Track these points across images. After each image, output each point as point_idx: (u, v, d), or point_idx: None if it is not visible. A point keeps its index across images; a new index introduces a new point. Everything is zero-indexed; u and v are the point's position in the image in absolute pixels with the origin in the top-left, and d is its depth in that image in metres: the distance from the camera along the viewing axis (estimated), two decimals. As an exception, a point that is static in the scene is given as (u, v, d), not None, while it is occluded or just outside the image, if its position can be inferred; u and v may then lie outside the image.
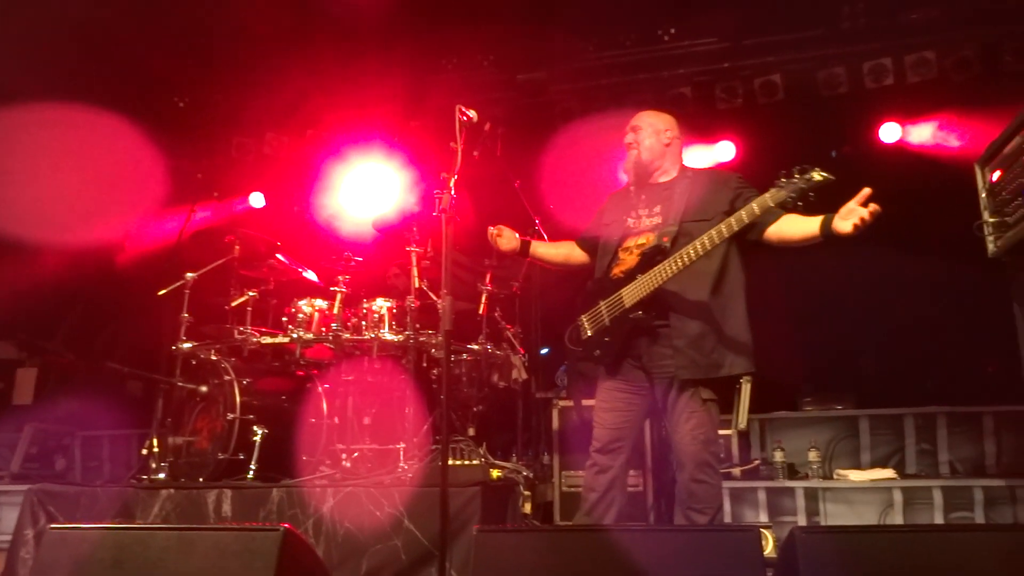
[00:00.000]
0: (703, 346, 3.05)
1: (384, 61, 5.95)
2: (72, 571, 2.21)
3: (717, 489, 3.07)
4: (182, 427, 4.53)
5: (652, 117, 3.44)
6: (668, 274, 3.01)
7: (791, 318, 5.76)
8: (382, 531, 3.39)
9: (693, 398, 3.05)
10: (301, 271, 5.03)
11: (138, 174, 6.35)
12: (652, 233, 3.21)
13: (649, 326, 3.11)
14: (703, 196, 3.19)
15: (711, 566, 2.04)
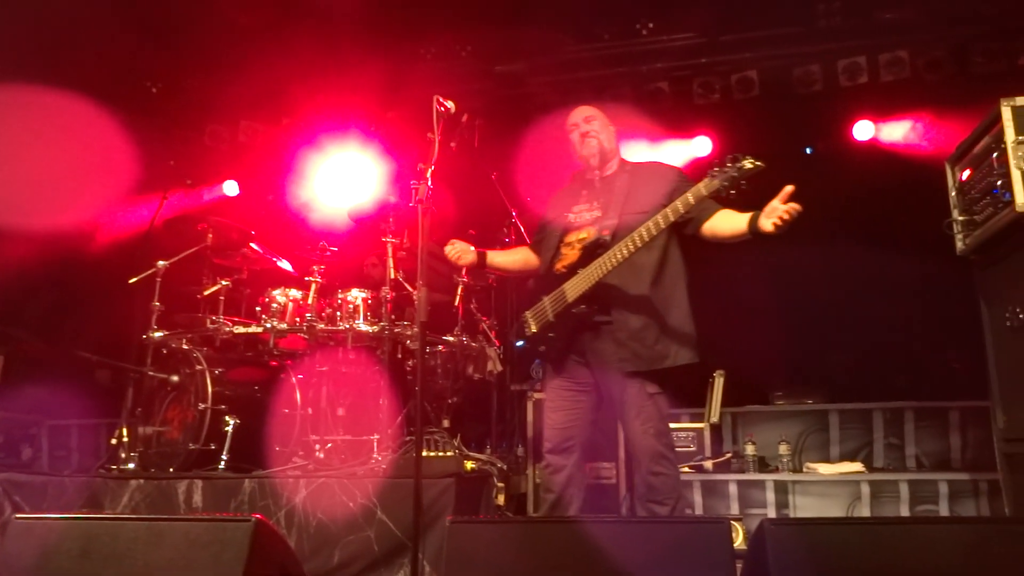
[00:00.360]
0: (645, 338, 3.08)
1: (361, 50, 5.90)
2: (38, 561, 2.17)
3: (675, 479, 3.09)
4: (152, 417, 4.48)
5: (596, 111, 3.46)
6: (608, 267, 3.03)
7: (763, 314, 5.83)
8: (355, 522, 3.39)
9: (639, 393, 3.07)
10: (275, 260, 4.99)
11: (109, 160, 6.24)
12: (592, 227, 3.24)
13: (591, 320, 3.13)
14: (642, 189, 3.21)
15: (682, 557, 2.06)
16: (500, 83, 6.28)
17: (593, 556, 2.07)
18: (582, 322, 3.14)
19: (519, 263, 3.70)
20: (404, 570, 3.25)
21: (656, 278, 3.14)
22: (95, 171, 6.25)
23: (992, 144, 3.35)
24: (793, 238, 3.08)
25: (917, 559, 1.94)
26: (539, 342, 3.30)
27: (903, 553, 1.94)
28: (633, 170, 3.34)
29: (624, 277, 3.10)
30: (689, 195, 2.88)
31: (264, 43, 5.78)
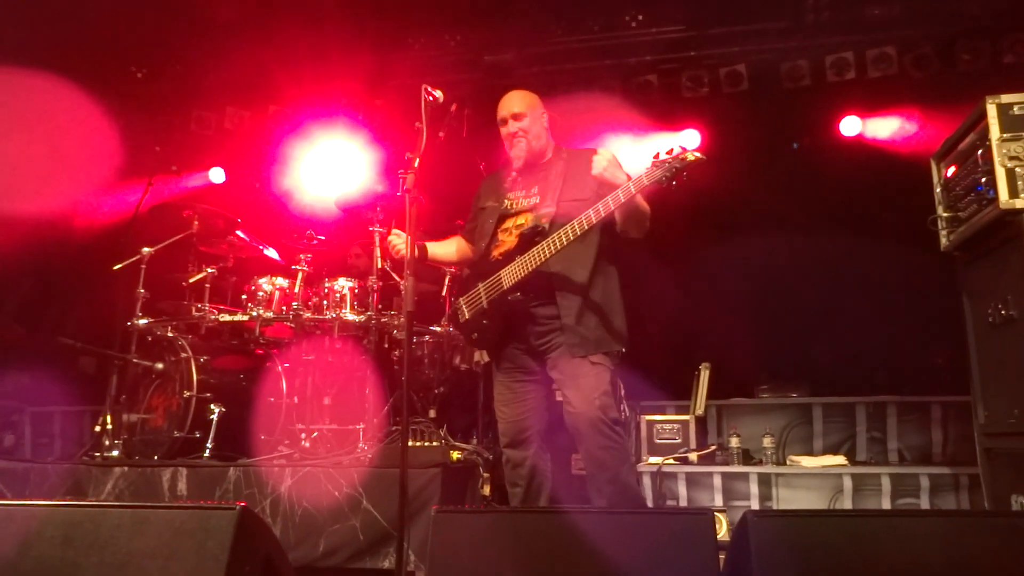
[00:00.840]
0: (589, 323, 3.10)
1: (349, 37, 5.85)
2: (20, 548, 2.16)
3: (623, 449, 3.07)
4: (137, 404, 4.45)
5: (529, 100, 3.42)
6: (547, 255, 3.03)
7: (749, 308, 5.86)
8: (340, 511, 3.39)
9: (581, 365, 3.07)
10: (261, 248, 4.97)
11: (92, 145, 6.18)
12: (530, 213, 3.24)
13: (527, 308, 3.14)
14: (579, 176, 3.19)
15: (665, 548, 2.08)
16: (488, 73, 6.25)
17: (577, 546, 2.09)
18: (517, 309, 3.14)
19: (455, 253, 3.68)
20: (389, 559, 3.26)
21: (595, 264, 3.16)
22: (78, 156, 6.19)
23: (977, 141, 3.38)
24: (779, 232, 3.10)
25: (898, 551, 1.96)
26: (472, 329, 3.29)
27: (884, 545, 1.97)
28: (569, 157, 3.34)
29: (562, 263, 3.11)
30: (631, 184, 2.88)
31: (251, 29, 5.73)
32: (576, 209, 3.03)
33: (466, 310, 3.32)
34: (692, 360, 5.32)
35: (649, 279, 6.06)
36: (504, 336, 3.23)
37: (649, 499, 4.72)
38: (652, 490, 4.74)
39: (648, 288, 6.12)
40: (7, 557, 2.16)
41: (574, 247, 3.06)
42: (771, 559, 1.96)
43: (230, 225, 4.82)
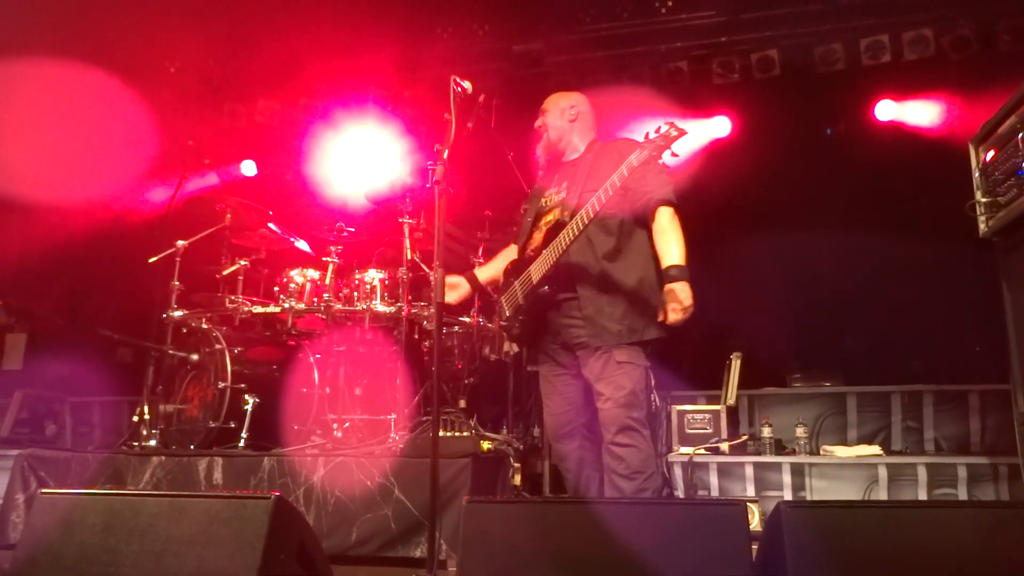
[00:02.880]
0: (612, 313, 3.08)
1: (379, 28, 5.86)
2: (63, 535, 2.22)
3: (646, 454, 3.03)
4: (173, 395, 4.53)
5: (557, 97, 3.51)
6: (563, 246, 3.02)
7: (781, 296, 5.80)
8: (372, 500, 3.42)
9: (608, 362, 3.06)
10: (293, 240, 5.01)
11: (129, 139, 6.28)
12: (558, 208, 3.26)
13: (557, 300, 3.15)
14: (602, 167, 3.18)
15: (698, 539, 2.07)
16: (517, 63, 6.23)
17: (608, 537, 2.09)
18: (549, 302, 3.16)
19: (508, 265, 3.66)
20: (421, 548, 3.28)
21: (618, 253, 3.14)
22: (116, 150, 6.29)
23: (1018, 124, 3.29)
24: (811, 218, 3.06)
25: (934, 542, 1.93)
26: (512, 326, 3.33)
27: (920, 536, 1.94)
28: (600, 149, 3.34)
29: (585, 254, 3.13)
30: (623, 168, 2.87)
31: (281, 21, 5.77)
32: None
33: (506, 308, 3.36)
34: (723, 349, 5.27)
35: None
36: (539, 331, 3.25)
37: (680, 489, 4.70)
38: (683, 480, 4.72)
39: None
40: (51, 543, 2.22)
41: (598, 237, 3.08)
42: (805, 550, 1.94)
43: (262, 218, 4.88)
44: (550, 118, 3.44)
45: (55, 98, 5.71)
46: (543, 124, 3.44)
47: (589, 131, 3.47)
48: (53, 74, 5.40)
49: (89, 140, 6.14)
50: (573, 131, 3.43)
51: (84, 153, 6.11)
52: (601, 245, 3.14)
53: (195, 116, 6.83)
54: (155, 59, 6.45)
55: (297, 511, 2.36)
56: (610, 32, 6.00)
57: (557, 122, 3.42)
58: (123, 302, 6.44)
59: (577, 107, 3.44)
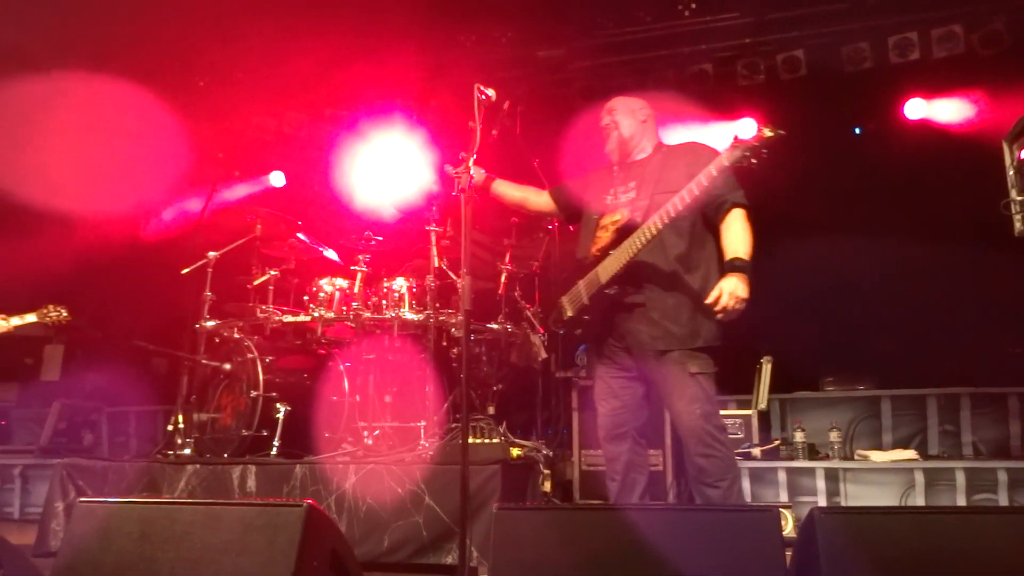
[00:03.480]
0: (679, 316, 3.07)
1: (403, 38, 5.91)
2: (101, 543, 2.25)
3: (728, 461, 3.04)
4: (206, 404, 4.60)
5: (624, 99, 3.52)
6: (637, 247, 3.02)
7: (813, 298, 5.72)
8: (403, 508, 3.44)
9: (681, 373, 3.04)
10: (322, 250, 5.06)
11: (162, 152, 6.40)
12: (626, 208, 3.23)
13: (623, 301, 3.13)
14: (675, 169, 3.19)
15: (730, 545, 2.05)
16: (541, 69, 6.25)
17: (639, 543, 2.07)
18: (615, 303, 3.14)
19: (518, 198, 3.77)
20: (452, 555, 3.29)
21: (687, 257, 3.13)
22: (149, 163, 6.41)
23: (1053, 121, 3.23)
24: (842, 219, 3.03)
25: (975, 550, 1.89)
26: (575, 326, 3.31)
27: (960, 544, 1.90)
28: (668, 151, 3.35)
29: (655, 256, 3.11)
30: (712, 168, 2.86)
31: (307, 34, 5.84)
32: (667, 201, 3.01)
33: (568, 308, 3.33)
34: (753, 353, 5.23)
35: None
36: (604, 332, 3.24)
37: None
38: (715, 486, 4.67)
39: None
40: (90, 551, 2.25)
41: (669, 239, 3.07)
42: (840, 557, 1.92)
43: (291, 228, 4.93)
44: (621, 116, 3.41)
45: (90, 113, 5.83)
46: (612, 122, 3.41)
47: (655, 134, 3.47)
48: (88, 90, 5.52)
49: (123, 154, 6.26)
50: (644, 132, 3.42)
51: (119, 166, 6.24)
52: (672, 247, 3.13)
53: (224, 129, 6.94)
54: (185, 74, 6.56)
55: (329, 518, 2.37)
56: (633, 36, 5.99)
57: (629, 120, 3.41)
58: (157, 313, 6.54)
59: (645, 110, 3.45)
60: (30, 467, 5.91)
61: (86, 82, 5.45)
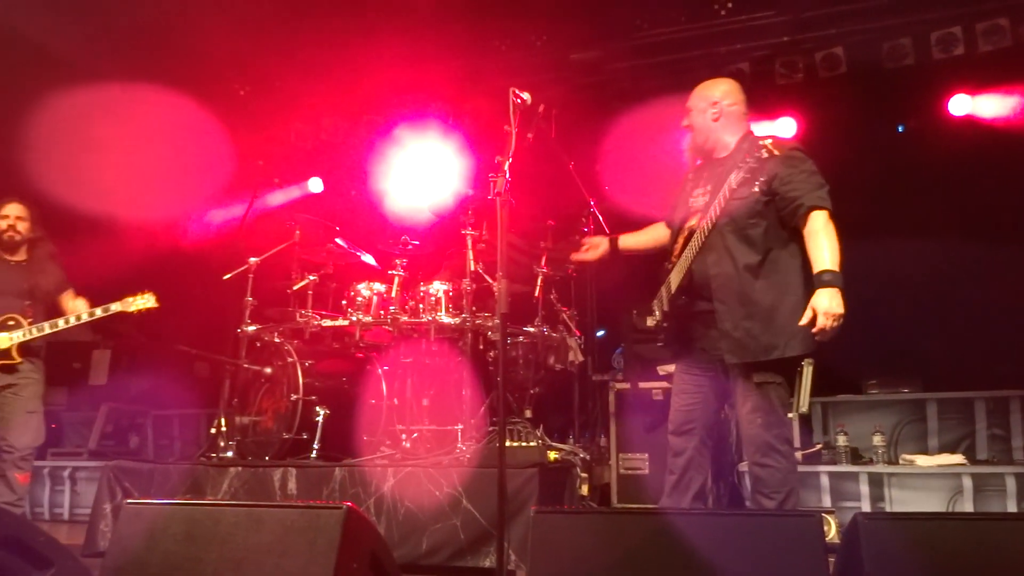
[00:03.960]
0: (750, 329, 2.96)
1: (438, 45, 5.96)
2: (148, 544, 2.30)
3: (785, 473, 2.97)
4: (248, 407, 4.67)
5: (702, 91, 3.29)
6: (691, 256, 2.98)
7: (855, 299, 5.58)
8: (441, 511, 3.45)
9: (747, 382, 2.99)
10: (359, 255, 5.11)
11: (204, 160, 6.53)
12: (701, 213, 3.11)
13: (696, 311, 3.08)
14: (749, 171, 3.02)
15: (771, 551, 2.02)
16: (576, 71, 6.24)
17: (678, 548, 2.06)
18: (689, 313, 3.10)
19: (650, 241, 3.58)
20: (490, 558, 3.30)
21: (759, 267, 2.99)
22: (192, 171, 6.55)
23: (1106, 115, 3.13)
24: (885, 219, 2.96)
25: (1025, 557, 1.84)
26: (660, 332, 3.29)
27: (1010, 551, 1.84)
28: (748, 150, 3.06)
29: (724, 267, 2.99)
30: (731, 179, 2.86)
31: (344, 41, 5.92)
32: (737, 208, 2.93)
33: (657, 312, 3.30)
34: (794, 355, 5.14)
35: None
36: (684, 338, 3.18)
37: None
38: (755, 490, 4.62)
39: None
40: (137, 552, 2.31)
41: (738, 248, 2.96)
42: (885, 564, 1.88)
43: (329, 233, 4.99)
44: (695, 117, 3.25)
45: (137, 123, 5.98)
46: (688, 125, 3.26)
47: (739, 124, 3.23)
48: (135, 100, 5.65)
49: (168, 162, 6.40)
50: (718, 130, 3.22)
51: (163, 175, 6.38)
52: (742, 256, 2.99)
53: (264, 137, 7.06)
54: (225, 83, 6.69)
55: (368, 521, 2.40)
56: (668, 37, 5.95)
57: (700, 121, 3.24)
58: (200, 318, 6.66)
59: (720, 103, 3.22)
60: (79, 469, 6.06)
61: (133, 93, 5.58)
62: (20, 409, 4.18)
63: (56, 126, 5.48)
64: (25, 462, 4.21)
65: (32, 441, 4.24)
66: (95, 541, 4.07)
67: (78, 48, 5.18)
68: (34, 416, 4.25)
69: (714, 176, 3.16)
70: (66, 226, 5.26)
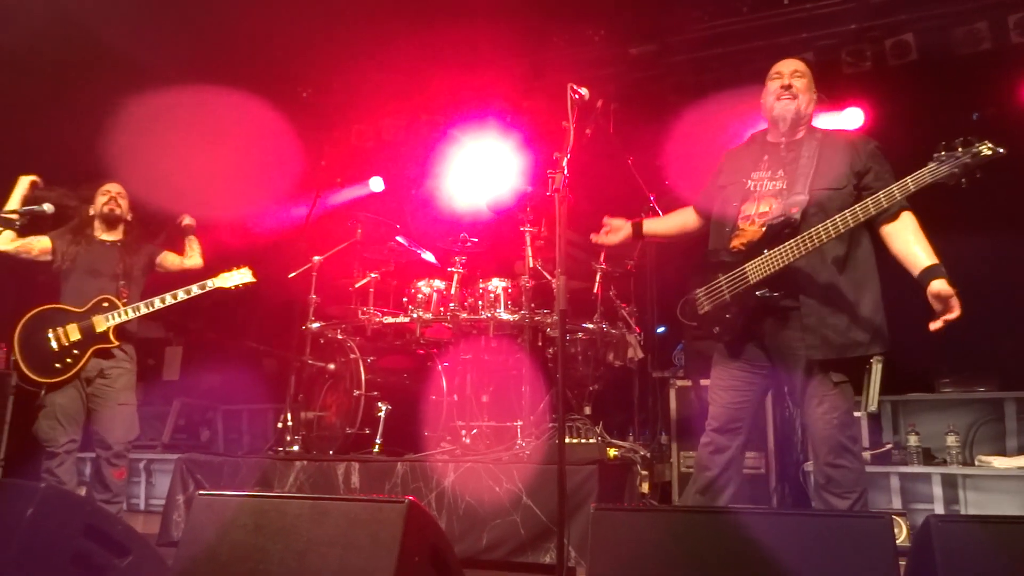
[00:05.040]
0: (837, 325, 2.86)
1: (496, 42, 5.98)
2: (219, 534, 2.38)
3: (858, 473, 2.89)
4: (313, 402, 4.79)
5: (802, 65, 3.15)
6: (799, 252, 2.81)
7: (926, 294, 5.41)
8: (501, 506, 3.48)
9: (824, 381, 2.88)
10: (419, 253, 5.18)
11: (269, 161, 6.70)
12: (776, 200, 2.98)
13: (776, 305, 2.92)
14: (833, 161, 2.93)
15: (839, 553, 1.97)
16: (634, 65, 6.18)
17: (742, 548, 2.02)
18: (766, 307, 2.94)
19: (677, 227, 3.48)
20: (550, 554, 3.31)
21: (845, 263, 2.91)
22: (259, 171, 6.73)
23: None
24: (959, 211, 2.84)
25: (1112, 564, 1.75)
26: (713, 323, 3.08)
27: (1095, 557, 1.76)
28: (823, 138, 3.04)
29: (811, 261, 2.88)
30: (910, 183, 2.64)
31: (403, 43, 5.99)
32: (829, 200, 2.84)
33: (706, 302, 3.10)
34: (862, 352, 5.00)
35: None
36: (744, 333, 3.03)
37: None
38: (822, 490, 4.50)
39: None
40: (208, 541, 2.39)
41: (830, 242, 2.85)
42: (958, 569, 1.81)
43: (390, 231, 5.07)
44: (805, 87, 3.06)
45: (206, 124, 6.17)
46: (795, 89, 3.04)
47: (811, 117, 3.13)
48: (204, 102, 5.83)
49: (235, 163, 6.59)
50: (812, 109, 3.10)
51: (231, 174, 6.57)
52: (830, 250, 2.88)
53: (326, 137, 7.21)
54: (290, 86, 6.84)
55: (430, 515, 2.43)
56: (728, 28, 5.83)
57: (809, 95, 3.07)
58: (267, 315, 6.84)
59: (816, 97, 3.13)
60: (154, 461, 6.30)
61: (203, 95, 5.76)
62: (112, 401, 3.95)
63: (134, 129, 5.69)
64: (119, 458, 3.99)
65: (124, 435, 4.00)
66: (169, 531, 4.23)
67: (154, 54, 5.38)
68: (126, 408, 4.02)
69: (783, 161, 3.04)
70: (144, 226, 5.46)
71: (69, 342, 3.91)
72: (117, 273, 4.13)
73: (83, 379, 3.95)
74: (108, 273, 4.12)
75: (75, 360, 3.88)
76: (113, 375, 4.01)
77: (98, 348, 3.94)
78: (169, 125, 5.88)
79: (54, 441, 3.87)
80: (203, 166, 6.35)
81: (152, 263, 4.41)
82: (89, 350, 3.91)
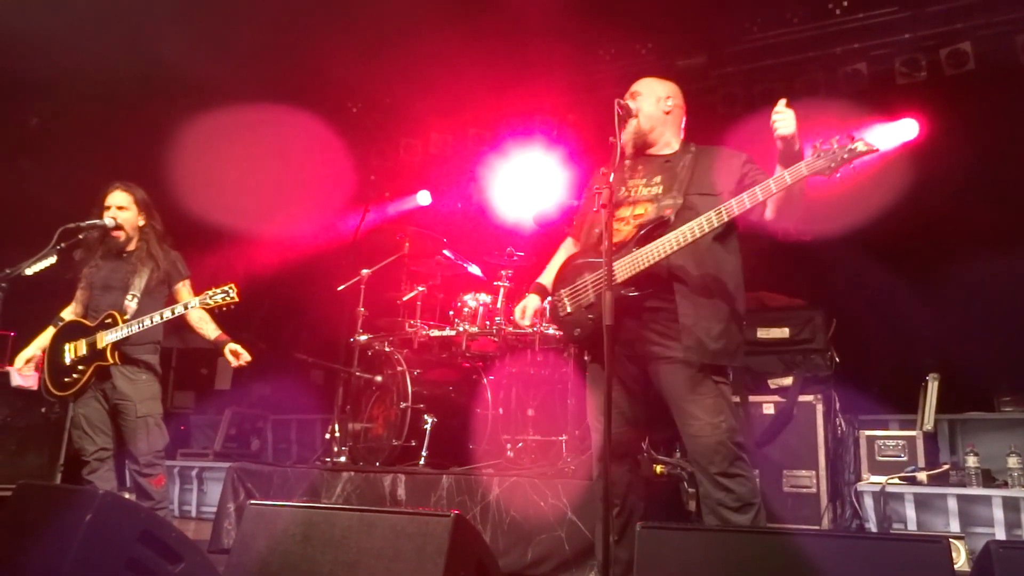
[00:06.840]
0: (711, 329, 2.80)
1: (542, 56, 6.00)
2: (269, 543, 2.42)
3: (754, 483, 2.77)
4: (360, 414, 4.84)
5: (653, 83, 3.20)
6: (668, 250, 2.75)
7: (986, 310, 5.24)
8: (546, 521, 3.47)
9: (704, 380, 2.78)
10: (466, 266, 5.21)
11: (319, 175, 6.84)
12: (651, 204, 2.95)
13: (641, 305, 2.85)
14: (712, 169, 2.93)
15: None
16: (682, 78, 6.09)
17: (792, 570, 1.98)
18: (633, 305, 2.85)
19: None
20: (595, 571, 3.28)
21: (720, 263, 2.88)
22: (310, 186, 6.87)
23: None
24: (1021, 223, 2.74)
25: None
26: (575, 324, 3.01)
27: None
28: (699, 151, 3.06)
29: (686, 258, 2.83)
30: (787, 175, 2.60)
31: (450, 58, 6.05)
32: (704, 204, 2.81)
33: (568, 303, 3.03)
34: (918, 369, 4.86)
35: (866, 280, 5.60)
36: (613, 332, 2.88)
37: (872, 522, 4.37)
38: (875, 512, 4.38)
39: (865, 290, 5.66)
40: (258, 550, 2.43)
41: (699, 245, 2.80)
42: (1022, 597, 1.75)
43: (437, 245, 5.12)
44: (644, 103, 3.10)
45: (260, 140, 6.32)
46: (635, 109, 3.07)
47: (680, 128, 3.19)
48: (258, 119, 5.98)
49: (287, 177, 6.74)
50: (666, 124, 3.13)
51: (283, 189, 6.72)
52: (706, 251, 2.86)
53: (375, 152, 7.32)
54: (339, 101, 6.97)
55: (475, 529, 2.43)
56: (779, 39, 5.76)
57: (651, 110, 3.11)
58: (316, 327, 6.95)
59: (673, 99, 3.16)
60: (205, 469, 6.43)
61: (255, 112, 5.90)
62: (131, 415, 3.86)
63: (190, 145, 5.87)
64: (151, 468, 3.90)
65: (149, 448, 3.88)
66: (220, 538, 4.31)
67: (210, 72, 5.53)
68: (143, 420, 3.88)
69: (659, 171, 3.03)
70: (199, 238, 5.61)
71: (77, 357, 3.88)
72: (127, 286, 3.97)
73: (101, 391, 3.89)
74: (119, 287, 3.98)
75: (80, 375, 3.84)
76: (128, 389, 3.89)
77: (98, 365, 3.85)
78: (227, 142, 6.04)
79: (84, 450, 3.89)
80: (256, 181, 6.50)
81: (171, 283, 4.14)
82: (91, 367, 3.84)
